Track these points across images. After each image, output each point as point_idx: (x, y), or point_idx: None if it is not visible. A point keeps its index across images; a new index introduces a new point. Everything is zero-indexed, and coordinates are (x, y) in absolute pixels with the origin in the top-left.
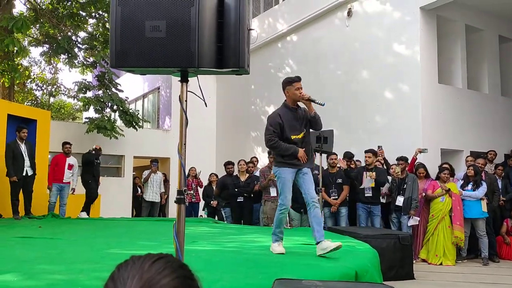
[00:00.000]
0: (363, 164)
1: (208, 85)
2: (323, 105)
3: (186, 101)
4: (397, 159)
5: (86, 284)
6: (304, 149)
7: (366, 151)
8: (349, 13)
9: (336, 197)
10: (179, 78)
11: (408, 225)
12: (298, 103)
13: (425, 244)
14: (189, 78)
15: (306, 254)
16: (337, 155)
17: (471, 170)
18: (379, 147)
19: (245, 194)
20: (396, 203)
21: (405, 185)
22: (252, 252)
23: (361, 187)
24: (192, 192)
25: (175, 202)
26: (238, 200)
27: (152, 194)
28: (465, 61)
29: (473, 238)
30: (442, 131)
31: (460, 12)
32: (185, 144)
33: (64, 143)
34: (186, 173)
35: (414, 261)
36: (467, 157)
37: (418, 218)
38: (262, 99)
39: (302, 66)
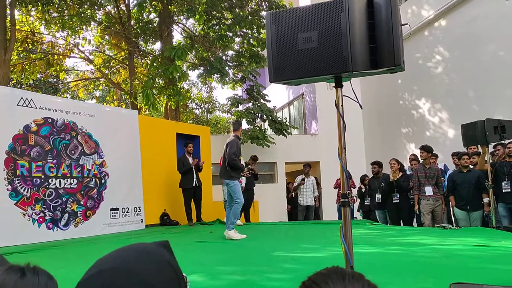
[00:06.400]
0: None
1: (352, 85)
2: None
3: (342, 106)
4: None
5: (260, 285)
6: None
7: None
8: None
9: (509, 189)
10: (330, 84)
11: None
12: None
13: None
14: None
15: (480, 256)
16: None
17: None
18: None
19: (403, 194)
20: None
21: None
22: (418, 255)
23: None
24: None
25: (340, 205)
26: (394, 201)
27: (306, 198)
28: None
29: None
30: None
31: None
32: (345, 148)
33: None
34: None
35: None
36: None
37: None
38: (411, 93)
39: (455, 51)
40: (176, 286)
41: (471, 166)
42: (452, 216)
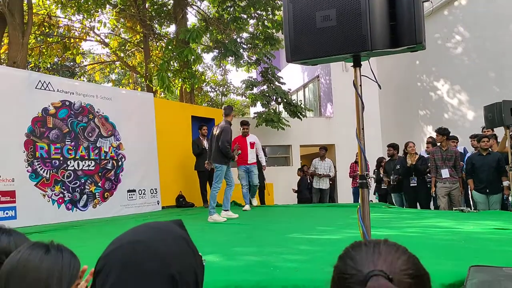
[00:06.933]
0: None
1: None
2: None
3: (360, 86)
4: None
5: (277, 265)
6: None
7: None
8: None
9: None
10: (347, 65)
11: None
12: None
13: None
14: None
15: (499, 240)
16: None
17: None
18: None
19: (420, 177)
20: None
21: None
22: (437, 238)
23: None
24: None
25: (358, 187)
26: (411, 184)
27: (320, 181)
28: None
29: None
30: None
31: None
32: (363, 128)
33: (242, 124)
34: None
35: None
36: None
37: None
38: (429, 74)
39: (476, 31)
40: (191, 258)
41: (490, 149)
42: (471, 199)
